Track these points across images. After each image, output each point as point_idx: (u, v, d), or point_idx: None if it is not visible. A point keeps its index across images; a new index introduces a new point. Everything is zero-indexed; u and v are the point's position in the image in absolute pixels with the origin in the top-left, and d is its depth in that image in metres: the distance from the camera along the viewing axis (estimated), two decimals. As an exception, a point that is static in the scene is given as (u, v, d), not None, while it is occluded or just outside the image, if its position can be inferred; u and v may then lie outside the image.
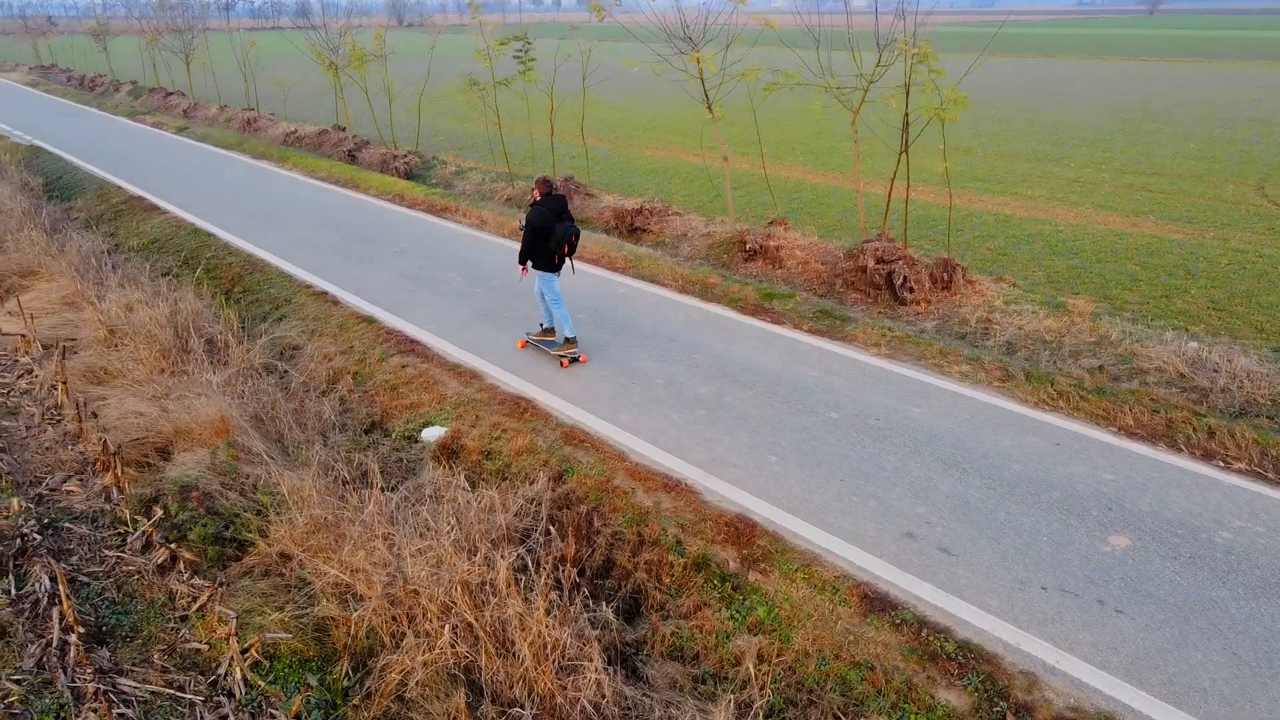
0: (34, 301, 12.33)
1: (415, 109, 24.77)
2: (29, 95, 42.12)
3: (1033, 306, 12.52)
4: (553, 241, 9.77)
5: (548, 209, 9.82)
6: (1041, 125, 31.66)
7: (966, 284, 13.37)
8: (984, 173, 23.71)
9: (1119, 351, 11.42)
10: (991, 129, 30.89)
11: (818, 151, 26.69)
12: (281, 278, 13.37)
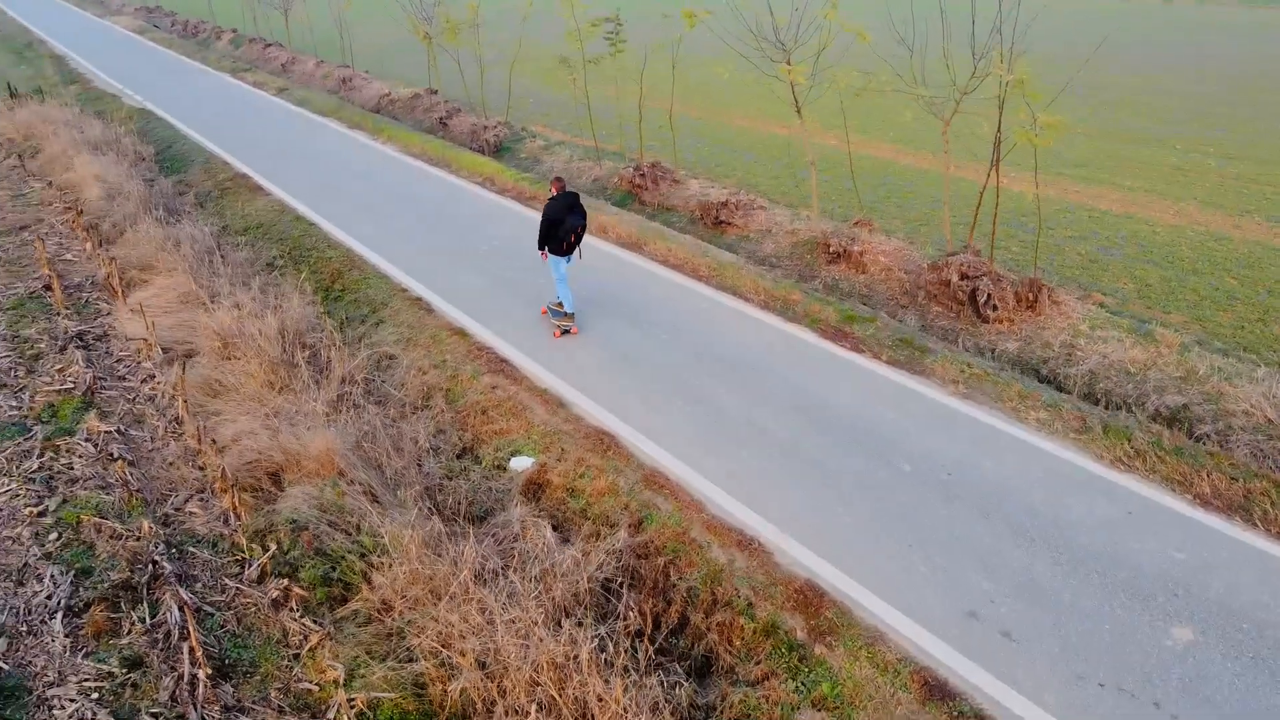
0: (153, 298, 13.17)
1: (506, 76, 24.98)
2: (136, 46, 43.51)
3: (1118, 333, 12.41)
4: (562, 230, 11.58)
5: (561, 203, 11.60)
6: (1146, 93, 30.27)
7: (1052, 305, 13.28)
8: (1081, 155, 22.97)
9: (1205, 389, 11.30)
10: (1089, 98, 29.67)
11: (907, 128, 26.15)
12: (379, 278, 13.97)
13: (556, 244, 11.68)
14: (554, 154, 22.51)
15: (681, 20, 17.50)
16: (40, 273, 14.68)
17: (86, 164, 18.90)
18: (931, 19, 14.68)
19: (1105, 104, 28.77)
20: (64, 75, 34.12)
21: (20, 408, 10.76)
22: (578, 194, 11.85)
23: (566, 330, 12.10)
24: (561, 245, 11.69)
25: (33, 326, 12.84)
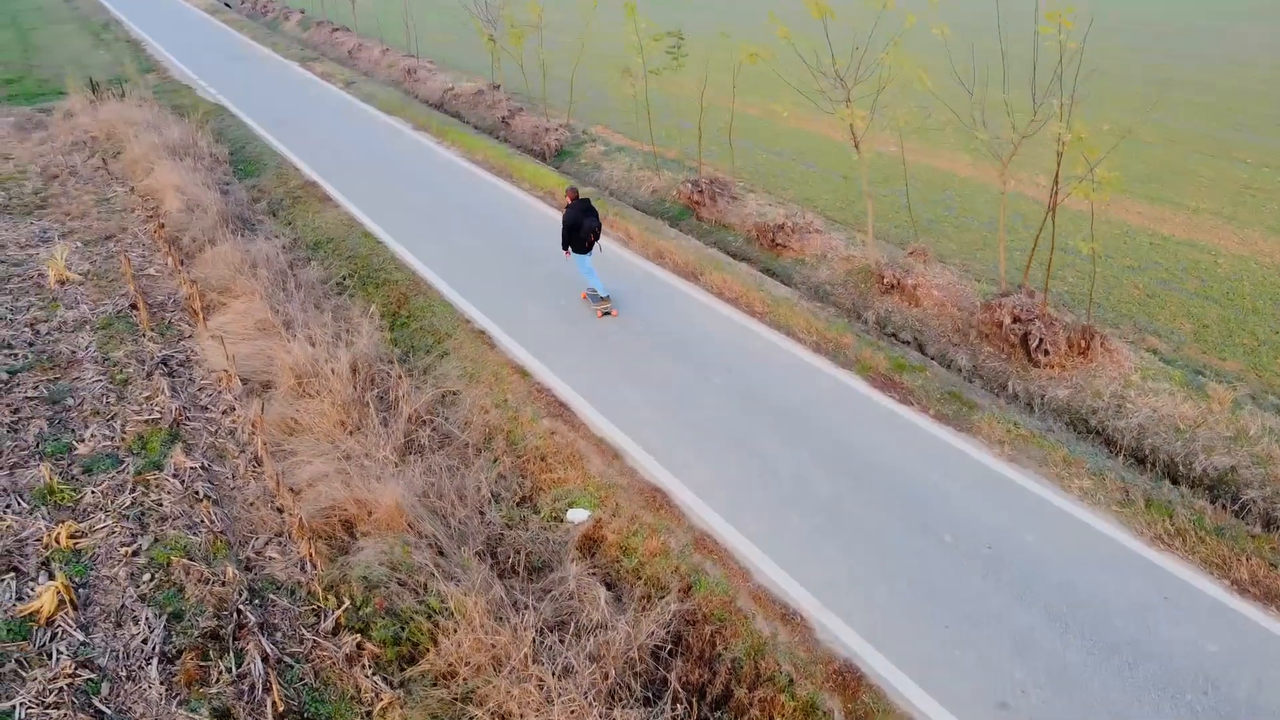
0: (231, 324, 13.88)
1: (569, 73, 25.26)
2: (209, 29, 44.52)
3: (1170, 385, 12.47)
4: (582, 232, 13.69)
5: (577, 210, 13.72)
6: (1215, 94, 29.45)
7: (1104, 352, 13.35)
8: (1146, 169, 22.58)
9: (1255, 451, 11.36)
10: (1157, 95, 28.94)
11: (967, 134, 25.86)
12: (443, 306, 14.51)
13: (579, 244, 13.78)
14: (613, 160, 22.80)
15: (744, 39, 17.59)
16: (126, 289, 15.50)
17: (166, 172, 19.69)
18: (993, 60, 14.69)
19: (1174, 105, 28.11)
20: (141, 63, 35.14)
21: (113, 437, 11.54)
22: (589, 199, 14.14)
23: (608, 312, 14.18)
24: (584, 245, 13.80)
25: (121, 349, 13.63)
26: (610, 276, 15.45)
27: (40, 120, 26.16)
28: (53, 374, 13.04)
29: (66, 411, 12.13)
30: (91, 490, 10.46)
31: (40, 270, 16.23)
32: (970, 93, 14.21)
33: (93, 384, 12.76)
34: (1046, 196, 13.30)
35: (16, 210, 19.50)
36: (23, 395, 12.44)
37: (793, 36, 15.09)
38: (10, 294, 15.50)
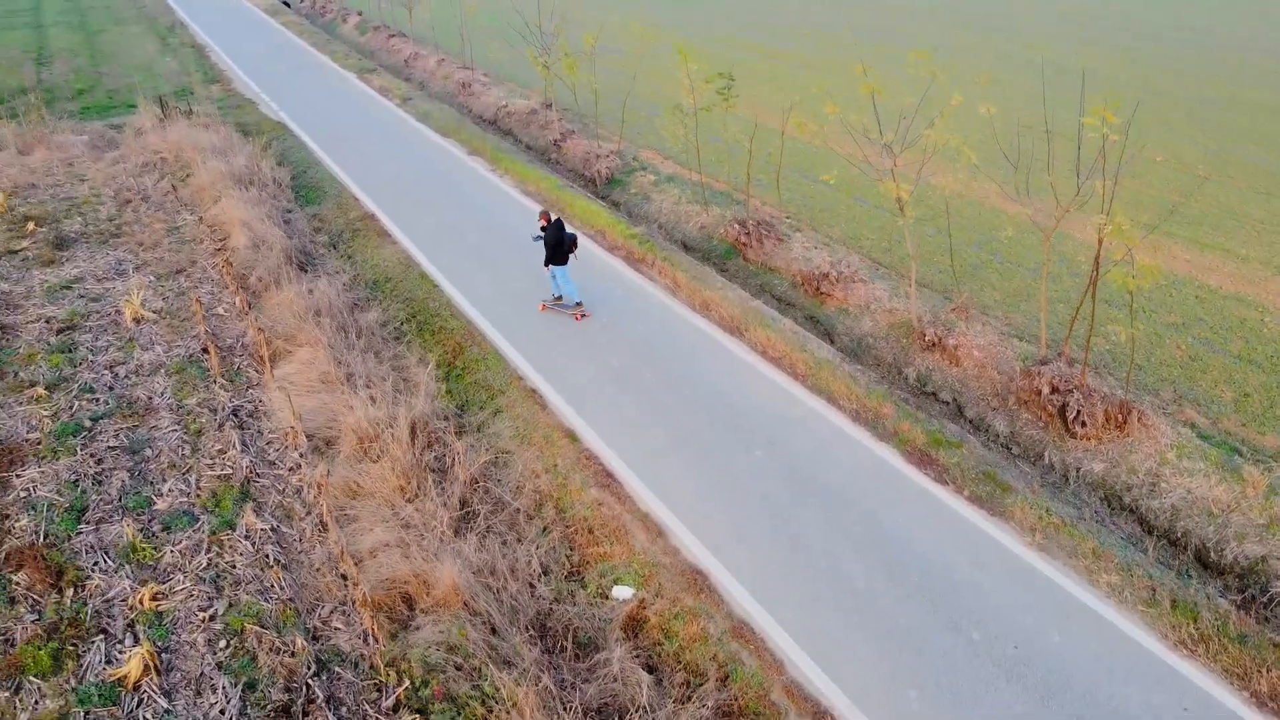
0: (296, 374, 14.61)
1: (622, 97, 25.68)
2: (268, 31, 45.53)
3: (1205, 466, 12.67)
4: (564, 246, 15.91)
5: (557, 229, 15.83)
6: (1274, 119, 29.01)
7: (1141, 427, 13.57)
8: (1196, 208, 22.44)
9: (1289, 540, 11.58)
10: (1214, 121, 28.60)
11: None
12: (496, 360, 15.12)
13: (561, 257, 15.98)
14: (663, 192, 23.22)
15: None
16: (197, 329, 16.31)
17: (233, 204, 20.51)
18: (1037, 135, 14.90)
19: (1231, 133, 27.80)
20: (206, 72, 36.18)
21: (188, 493, 12.32)
22: (561, 221, 16.05)
23: (584, 314, 16.59)
24: (565, 257, 16.02)
25: (194, 396, 14.43)
26: (659, 329, 15.98)
27: (112, 138, 27.19)
28: (131, 421, 13.86)
29: (145, 463, 12.94)
30: (170, 550, 11.23)
31: (117, 307, 17.10)
32: (1014, 166, 14.44)
33: (169, 433, 13.55)
34: (1085, 296, 13.48)
35: (94, 239, 20.46)
36: (105, 445, 13.27)
37: (846, 92, 15.38)
38: (91, 332, 16.39)
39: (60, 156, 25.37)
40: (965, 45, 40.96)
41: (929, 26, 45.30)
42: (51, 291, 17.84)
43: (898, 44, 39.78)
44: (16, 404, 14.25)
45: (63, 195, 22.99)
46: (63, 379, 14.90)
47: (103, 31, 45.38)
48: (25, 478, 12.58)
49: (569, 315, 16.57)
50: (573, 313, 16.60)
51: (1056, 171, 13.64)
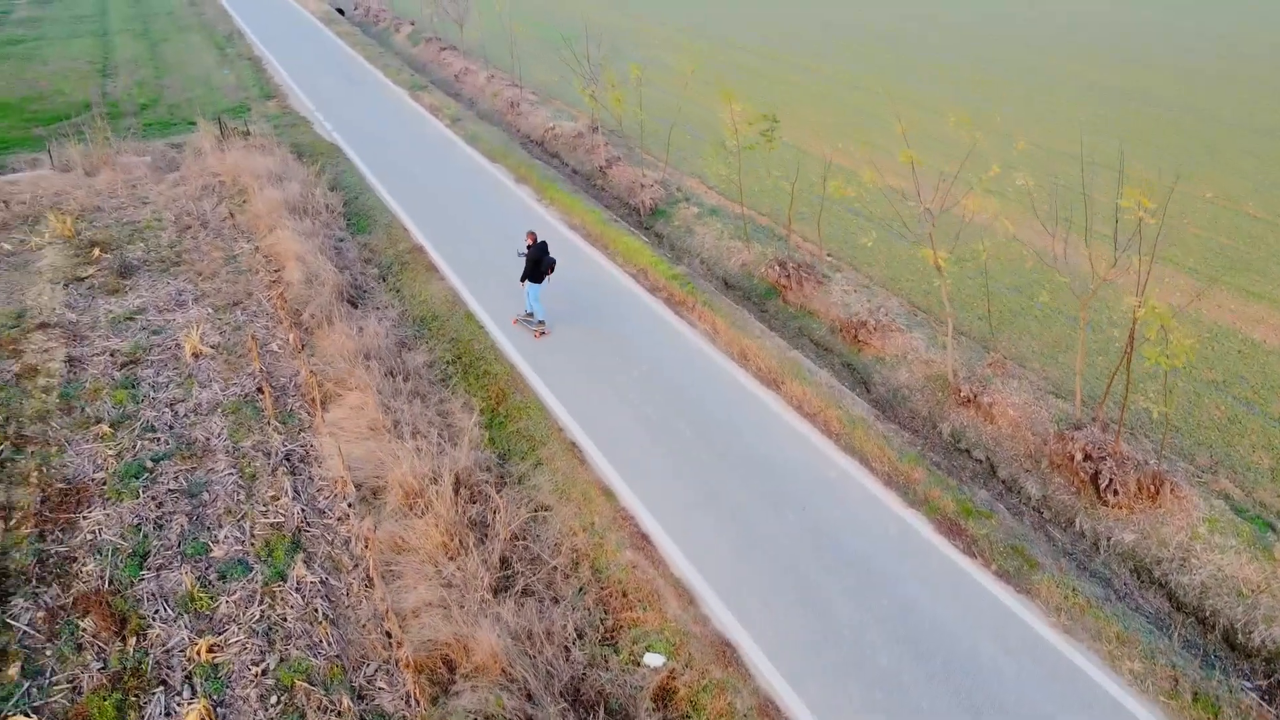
0: (345, 419, 15.20)
1: (668, 121, 26.02)
2: (322, 41, 46.47)
3: (1237, 543, 12.73)
4: (543, 267, 17.25)
5: (540, 250, 17.13)
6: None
7: (1174, 498, 13.65)
8: (1244, 250, 22.23)
9: (1317, 626, 11.63)
10: (1262, 157, 28.12)
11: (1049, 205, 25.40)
12: (538, 409, 15.56)
13: (537, 276, 17.28)
14: (706, 225, 23.52)
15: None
16: (252, 367, 16.98)
17: (288, 235, 21.20)
18: (1074, 201, 14.98)
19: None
20: (262, 87, 37.11)
21: (243, 540, 12.94)
22: (546, 244, 17.31)
23: (544, 333, 17.96)
24: (541, 276, 17.32)
25: (249, 438, 15.07)
26: (696, 379, 16.33)
27: (173, 159, 28.11)
28: (190, 463, 14.53)
29: (203, 507, 13.59)
30: (226, 600, 11.83)
31: (177, 341, 17.83)
32: (1051, 234, 14.55)
33: (225, 477, 14.20)
34: (1120, 366, 13.57)
35: (155, 266, 21.28)
36: (165, 488, 13.95)
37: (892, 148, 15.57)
38: (152, 367, 17.13)
39: (124, 178, 26.30)
40: (1005, 59, 40.57)
41: (973, 41, 44.95)
42: (116, 323, 18.62)
43: (943, 58, 39.57)
44: (83, 441, 14.98)
45: (126, 219, 23.87)
46: (126, 416, 15.62)
47: (165, 40, 46.64)
48: (91, 519, 13.28)
49: (531, 332, 18.00)
50: (535, 330, 17.97)
51: (1095, 232, 13.71)
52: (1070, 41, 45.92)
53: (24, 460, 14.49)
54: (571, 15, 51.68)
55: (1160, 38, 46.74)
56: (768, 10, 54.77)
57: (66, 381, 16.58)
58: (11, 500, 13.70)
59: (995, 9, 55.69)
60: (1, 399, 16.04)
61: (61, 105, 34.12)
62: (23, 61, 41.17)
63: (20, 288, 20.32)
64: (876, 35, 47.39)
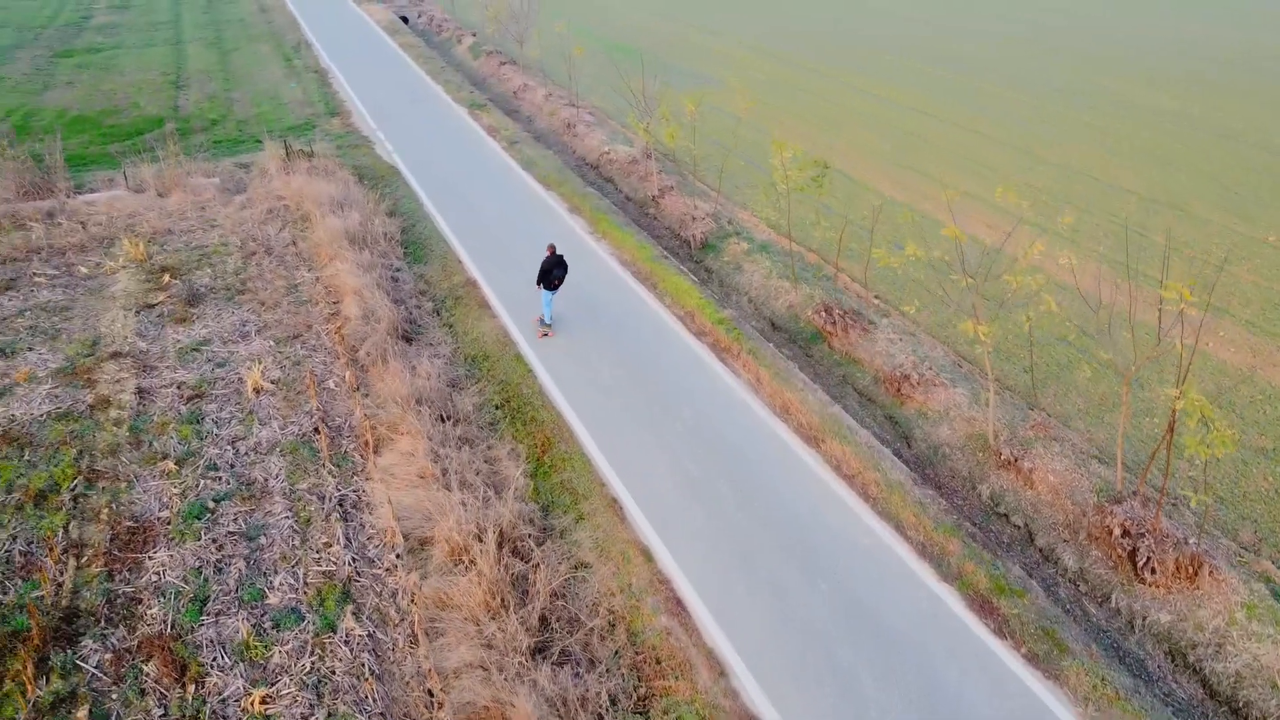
0: (397, 465, 15.77)
1: (723, 152, 26.30)
2: (386, 54, 47.39)
3: (1274, 631, 12.69)
4: (552, 277, 19.19)
5: (552, 261, 19.06)
6: None
7: (1213, 580, 13.62)
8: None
9: (1353, 727, 11.58)
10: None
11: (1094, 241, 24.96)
12: (582, 462, 15.98)
13: (549, 283, 19.23)
14: (754, 262, 23.73)
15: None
16: (310, 405, 17.65)
17: (347, 268, 21.90)
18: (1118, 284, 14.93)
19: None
20: (327, 103, 38.08)
21: (297, 588, 13.55)
22: (563, 256, 19.25)
23: (546, 334, 19.99)
24: (552, 284, 19.26)
25: (305, 480, 15.72)
26: (739, 433, 16.61)
27: (240, 180, 29.08)
28: (249, 504, 15.21)
29: (260, 551, 14.24)
30: (279, 650, 12.44)
31: (240, 375, 18.60)
32: (1095, 310, 14.56)
33: (281, 520, 14.85)
34: (1157, 450, 13.54)
35: (221, 294, 22.13)
36: (226, 530, 14.64)
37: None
38: (216, 401, 17.90)
39: (194, 200, 27.30)
40: (1047, 78, 39.91)
41: (1031, 60, 44.27)
42: (183, 353, 19.45)
43: (1000, 79, 39.06)
44: (150, 478, 15.76)
45: (195, 244, 24.81)
46: (190, 453, 16.37)
47: (235, 50, 47.97)
48: (156, 560, 14.01)
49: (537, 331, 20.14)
50: (541, 330, 20.07)
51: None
52: (1109, 57, 45.02)
53: (95, 496, 15.28)
54: (631, 29, 52.10)
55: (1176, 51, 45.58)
56: (828, 26, 54.53)
57: (136, 414, 17.38)
58: (84, 537, 14.49)
59: (1041, 21, 54.78)
60: (77, 431, 16.87)
61: (136, 120, 35.39)
62: (101, 71, 42.67)
63: (95, 313, 21.27)
64: (934, 53, 46.95)
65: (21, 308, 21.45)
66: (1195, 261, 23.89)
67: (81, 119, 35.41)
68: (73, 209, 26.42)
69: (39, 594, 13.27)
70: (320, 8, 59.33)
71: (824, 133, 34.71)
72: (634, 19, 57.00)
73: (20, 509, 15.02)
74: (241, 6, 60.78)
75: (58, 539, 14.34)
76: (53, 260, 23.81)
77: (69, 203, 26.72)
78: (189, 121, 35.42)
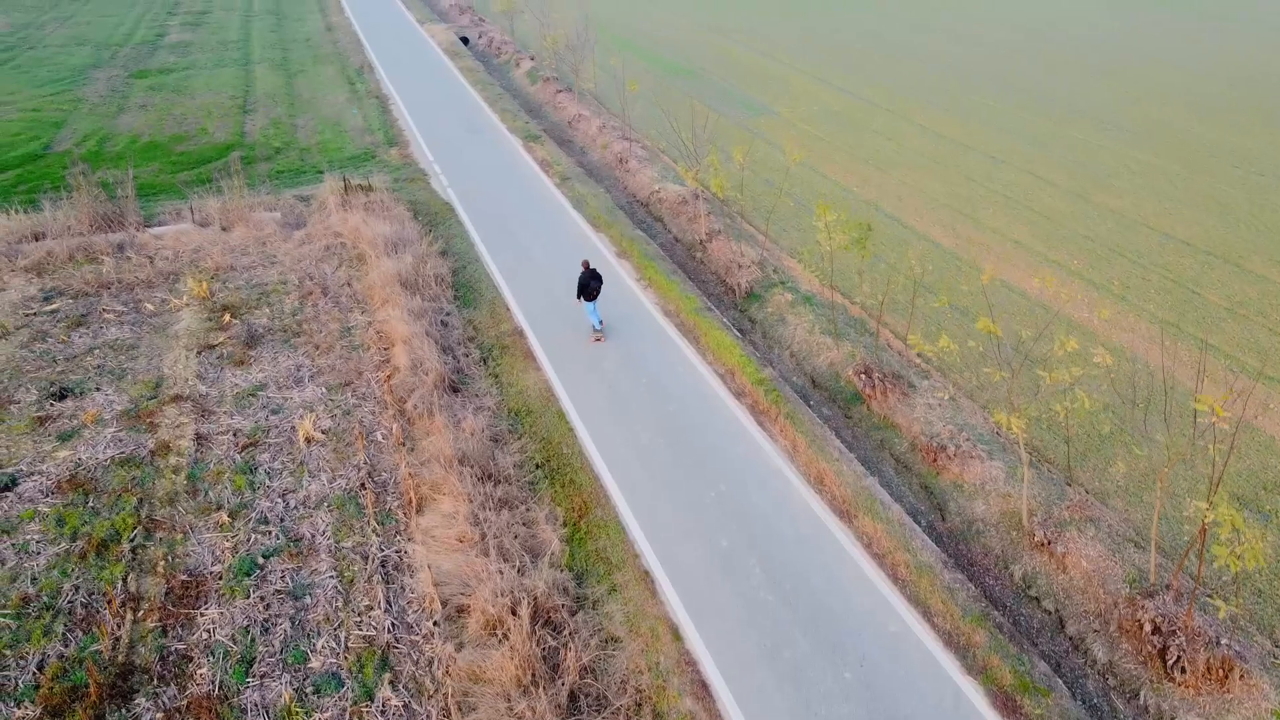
0: (438, 529, 16.29)
1: (772, 201, 26.50)
2: (446, 78, 48.28)
3: (1307, 743, 12.59)
4: (590, 290, 21.67)
5: (588, 275, 21.57)
6: None
7: (1243, 685, 13.54)
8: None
9: None
10: None
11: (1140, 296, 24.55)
12: (617, 531, 16.35)
13: (589, 295, 21.72)
14: (798, 315, 23.91)
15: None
16: (358, 458, 18.28)
17: (399, 315, 22.55)
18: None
19: None
20: (386, 132, 39.01)
21: (338, 651, 14.13)
22: (596, 269, 21.88)
23: (599, 339, 22.55)
24: (591, 296, 21.76)
25: (350, 537, 16.32)
26: (772, 506, 16.83)
27: (300, 214, 30.01)
28: (296, 561, 15.85)
29: (305, 611, 14.85)
30: (319, 717, 13.00)
31: (293, 424, 19.31)
32: (1134, 404, 14.52)
33: (326, 580, 15.45)
34: (1191, 547, 13.50)
35: (278, 335, 22.93)
36: (273, 588, 15.28)
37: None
38: (269, 451, 18.62)
39: (256, 235, 28.25)
40: (1133, 105, 39.21)
41: (1104, 93, 43.55)
42: (239, 399, 20.24)
43: (1066, 111, 38.48)
44: (205, 529, 16.49)
45: (255, 281, 25.70)
46: (243, 505, 17.08)
47: (301, 73, 49.26)
48: (207, 617, 14.69)
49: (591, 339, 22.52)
50: (594, 336, 22.50)
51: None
52: (1172, 84, 44.07)
53: (153, 547, 16.05)
54: (690, 49, 52.43)
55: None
56: (891, 52, 54.24)
57: (194, 461, 18.16)
58: (141, 590, 15.25)
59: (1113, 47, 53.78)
60: (138, 478, 17.70)
61: (204, 147, 36.61)
62: (173, 94, 44.15)
63: (159, 352, 22.20)
64: (1002, 82, 46.47)
65: (91, 344, 22.45)
66: (1249, 324, 23.55)
67: (153, 145, 36.73)
68: (141, 243, 27.51)
69: (97, 648, 14.00)
70: (385, 28, 60.61)
71: (877, 170, 34.69)
72: (694, 38, 57.33)
73: (84, 557, 15.82)
74: (309, 25, 62.31)
75: (116, 591, 15.09)
76: (121, 296, 24.83)
77: (138, 236, 27.81)
78: (254, 149, 36.54)
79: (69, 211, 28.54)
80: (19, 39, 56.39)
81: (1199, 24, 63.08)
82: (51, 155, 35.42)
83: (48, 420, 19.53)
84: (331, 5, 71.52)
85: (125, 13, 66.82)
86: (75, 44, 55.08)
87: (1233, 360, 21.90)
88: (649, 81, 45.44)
